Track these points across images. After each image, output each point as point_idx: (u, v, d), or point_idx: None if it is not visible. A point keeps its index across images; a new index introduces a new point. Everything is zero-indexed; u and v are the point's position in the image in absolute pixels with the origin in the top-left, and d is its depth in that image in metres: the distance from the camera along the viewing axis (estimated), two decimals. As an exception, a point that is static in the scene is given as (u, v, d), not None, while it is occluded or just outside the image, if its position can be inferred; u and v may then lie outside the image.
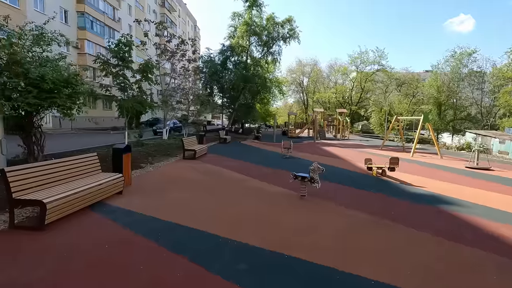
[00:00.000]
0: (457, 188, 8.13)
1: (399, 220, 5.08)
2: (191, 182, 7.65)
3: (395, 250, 3.93)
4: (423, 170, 11.14)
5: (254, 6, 25.49)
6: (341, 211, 5.59)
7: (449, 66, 41.10)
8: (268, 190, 7.02)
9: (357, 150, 17.83)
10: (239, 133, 30.46)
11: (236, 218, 4.90)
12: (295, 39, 26.72)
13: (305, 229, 4.55)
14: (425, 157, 15.30)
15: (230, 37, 26.53)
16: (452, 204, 6.35)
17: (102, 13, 31.59)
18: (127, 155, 6.71)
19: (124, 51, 12.13)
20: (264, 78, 29.95)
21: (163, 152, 12.64)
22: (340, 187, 7.71)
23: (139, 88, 13.23)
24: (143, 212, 4.96)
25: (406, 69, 50.11)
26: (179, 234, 4.13)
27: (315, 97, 54.96)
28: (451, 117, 41.03)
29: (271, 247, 3.82)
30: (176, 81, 18.89)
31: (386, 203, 6.24)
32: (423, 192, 7.49)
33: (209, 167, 10.02)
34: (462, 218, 5.40)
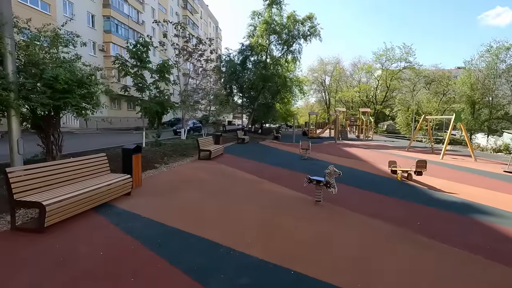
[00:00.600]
0: (493, 195, 7.28)
1: (427, 233, 4.51)
2: (202, 183, 7.44)
3: (423, 272, 3.42)
4: (454, 174, 10.20)
5: (274, 4, 25.08)
6: (360, 220, 5.09)
7: (484, 61, 38.32)
8: (282, 194, 6.64)
9: (380, 152, 16.90)
10: (258, 133, 30.17)
11: (242, 225, 4.58)
12: (316, 36, 25.96)
13: (318, 241, 4.13)
14: (457, 160, 14.13)
15: (249, 36, 26.29)
16: (488, 214, 5.62)
17: (126, 17, 32.58)
18: (136, 155, 6.61)
19: (142, 52, 12.23)
20: (284, 77, 29.42)
21: (179, 152, 12.62)
22: (360, 192, 7.16)
23: (157, 89, 13.30)
24: (148, 216, 4.78)
25: (435, 66, 47.47)
26: (180, 242, 3.87)
27: (337, 96, 53.48)
28: (486, 117, 38.22)
29: (276, 260, 3.45)
30: (195, 81, 18.97)
31: (412, 212, 5.63)
32: (454, 199, 6.75)
33: (223, 168, 9.80)
34: (500, 231, 4.71)
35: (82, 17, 27.29)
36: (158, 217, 4.74)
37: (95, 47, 29.35)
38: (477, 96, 36.77)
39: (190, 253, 3.56)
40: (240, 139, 19.76)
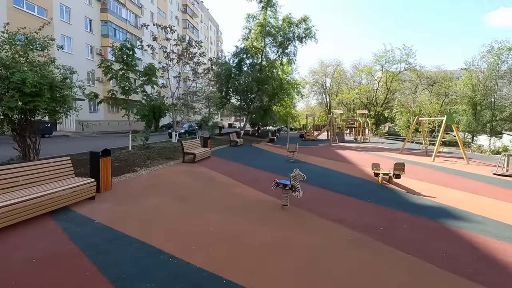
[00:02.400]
0: (475, 199, 7.05)
1: (387, 239, 4.34)
2: (175, 187, 7.34)
3: (368, 282, 3.25)
4: (441, 177, 9.96)
5: (268, 7, 25.06)
6: (323, 225, 4.93)
7: (486, 62, 37.76)
8: (252, 198, 6.50)
9: (374, 154, 16.65)
10: (255, 136, 30.07)
11: (195, 231, 4.45)
12: (311, 38, 25.85)
13: (269, 247, 3.98)
14: (449, 162, 13.83)
15: (244, 39, 26.26)
16: (461, 220, 5.41)
17: (124, 21, 32.87)
18: (105, 159, 6.53)
19: (128, 55, 12.24)
20: (280, 80, 29.33)
21: (165, 155, 12.56)
22: (334, 195, 6.98)
23: (144, 92, 13.29)
24: (101, 221, 4.68)
25: (438, 67, 46.87)
26: (122, 249, 3.76)
27: (338, 98, 53.18)
28: (489, 118, 37.62)
29: (214, 268, 3.32)
30: (187, 84, 19.00)
31: (380, 217, 5.45)
32: (431, 203, 6.53)
33: (204, 171, 9.69)
34: (465, 238, 4.51)
35: (79, 21, 27.61)
36: (111, 222, 4.64)
37: (93, 51, 29.60)
38: (479, 97, 36.22)
39: (127, 261, 3.44)
40: (233, 141, 19.65)
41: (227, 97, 27.63)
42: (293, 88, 33.05)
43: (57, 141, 17.96)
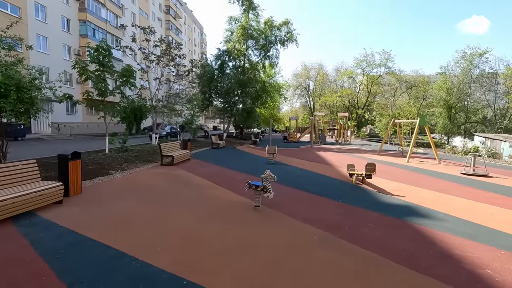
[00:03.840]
0: (440, 197, 7.37)
1: (351, 237, 4.47)
2: (149, 190, 7.25)
3: (326, 279, 3.35)
4: (413, 177, 10.35)
5: (250, 10, 25.22)
6: (291, 225, 5.02)
7: (460, 67, 39.57)
8: (226, 199, 6.52)
9: (352, 155, 17.06)
10: (238, 138, 30.07)
11: (164, 234, 4.42)
12: (293, 42, 26.21)
13: (236, 248, 4.02)
14: (422, 163, 14.38)
15: (226, 41, 26.29)
16: (424, 217, 5.65)
17: (104, 21, 32.14)
18: (74, 162, 6.37)
19: (104, 56, 11.99)
20: (263, 82, 29.53)
21: (144, 158, 12.37)
22: (308, 196, 7.11)
23: (122, 93, 13.04)
24: (66, 226, 4.57)
25: (416, 71, 48.61)
26: (84, 253, 3.68)
27: (321, 101, 54.09)
28: (463, 120, 39.37)
29: (177, 270, 3.32)
30: (168, 86, 18.81)
31: (349, 216, 5.60)
32: (399, 202, 6.79)
33: (181, 174, 9.61)
34: (427, 235, 4.72)
35: (56, 21, 26.77)
36: (76, 226, 4.53)
37: (71, 51, 28.75)
38: (453, 100, 37.85)
39: (87, 265, 3.38)
40: (215, 144, 19.59)
41: (210, 99, 27.52)
42: (276, 90, 33.38)
43: (30, 144, 17.28)
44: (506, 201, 7.13)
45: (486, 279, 3.33)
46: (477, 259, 3.82)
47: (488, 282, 3.28)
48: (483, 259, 3.83)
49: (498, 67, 40.23)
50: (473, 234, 4.78)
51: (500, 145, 21.62)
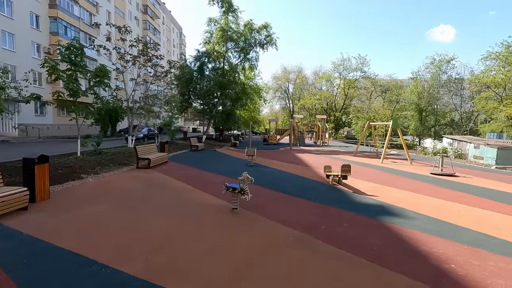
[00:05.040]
0: (411, 196, 7.71)
1: (327, 237, 4.56)
2: (123, 194, 7.01)
3: (299, 278, 3.39)
4: (386, 177, 10.75)
5: (230, 12, 25.22)
6: (268, 226, 5.04)
7: (429, 73, 41.72)
8: (203, 202, 6.43)
9: (330, 157, 17.44)
10: (218, 140, 29.86)
11: (137, 239, 4.29)
12: (272, 45, 26.51)
13: (212, 251, 3.97)
14: (395, 163, 14.98)
15: (206, 42, 26.09)
16: (396, 216, 5.88)
17: (77, 19, 30.80)
18: (41, 166, 6.03)
19: (76, 55, 11.50)
20: (243, 84, 29.57)
21: (119, 161, 11.95)
22: (286, 197, 7.18)
23: (95, 94, 12.54)
24: (30, 233, 4.31)
25: (390, 76, 50.70)
26: (51, 262, 3.49)
27: (300, 104, 54.97)
28: (433, 123, 41.50)
29: (150, 276, 3.22)
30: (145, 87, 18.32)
31: (325, 216, 5.72)
32: (373, 202, 7.02)
33: (158, 177, 9.38)
34: (398, 233, 4.91)
35: (24, 17, 25.32)
36: (42, 234, 4.29)
37: (40, 49, 27.29)
38: (424, 104, 39.78)
39: (52, 275, 3.20)
40: (194, 146, 19.30)
41: (189, 101, 27.15)
42: (256, 93, 33.53)
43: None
44: (471, 199, 7.58)
45: (450, 273, 3.52)
46: (443, 255, 4.02)
47: (452, 276, 3.46)
48: (448, 254, 4.05)
49: (463, 73, 42.93)
50: (440, 231, 5.03)
51: (466, 146, 23.00)
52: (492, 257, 4.02)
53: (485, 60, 32.21)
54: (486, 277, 3.43)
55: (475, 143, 22.08)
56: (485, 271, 3.57)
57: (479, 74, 36.06)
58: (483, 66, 34.21)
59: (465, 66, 52.84)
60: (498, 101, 34.60)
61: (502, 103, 33.49)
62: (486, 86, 36.17)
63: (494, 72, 32.62)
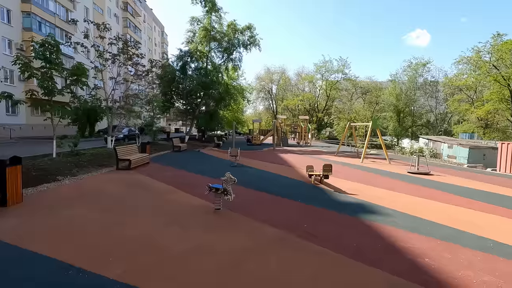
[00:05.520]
0: (389, 195, 7.99)
1: (308, 236, 4.65)
2: (102, 196, 6.81)
3: (283, 277, 3.44)
4: (366, 176, 11.07)
5: (213, 12, 25.09)
6: (251, 226, 5.07)
7: (407, 75, 43.31)
8: (186, 204, 6.37)
9: (313, 157, 17.73)
10: (201, 141, 29.57)
11: (118, 242, 4.19)
12: (255, 46, 26.63)
13: (195, 252, 3.94)
14: (375, 163, 15.46)
15: (188, 42, 25.82)
16: (375, 214, 6.08)
17: (52, 14, 29.54)
18: (13, 168, 5.75)
19: (52, 52, 11.05)
20: (226, 84, 29.47)
21: (97, 162, 11.61)
22: (268, 197, 7.24)
23: (72, 93, 12.11)
24: (2, 239, 4.10)
25: (370, 78, 52.20)
26: (24, 268, 3.35)
27: (283, 104, 55.49)
28: (410, 124, 43.14)
29: (131, 279, 3.17)
30: (125, 86, 17.89)
31: (307, 215, 5.82)
32: (353, 200, 7.21)
33: (139, 178, 9.18)
34: (376, 230, 5.08)
35: None
36: (13, 239, 4.10)
37: (12, 45, 25.95)
38: (402, 105, 41.26)
39: (26, 281, 3.08)
40: (176, 147, 19.04)
41: (171, 100, 26.73)
42: (240, 93, 33.51)
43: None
44: (445, 197, 7.96)
45: (424, 267, 3.69)
46: (417, 249, 4.21)
47: (425, 269, 3.63)
48: (422, 249, 4.24)
49: (438, 76, 45.03)
50: (415, 227, 5.26)
51: (440, 146, 24.09)
52: (463, 250, 4.25)
53: (457, 64, 33.87)
54: (456, 269, 3.62)
55: (449, 143, 23.18)
56: (456, 264, 3.78)
57: (452, 77, 37.94)
58: (456, 70, 36.01)
59: (439, 70, 55.24)
60: (470, 103, 36.54)
61: (473, 105, 35.39)
62: (459, 89, 38.11)
63: (466, 76, 34.39)
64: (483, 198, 7.98)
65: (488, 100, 31.45)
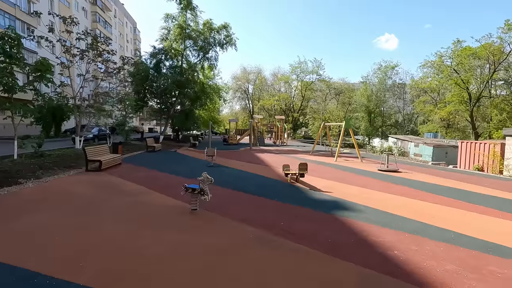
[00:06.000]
0: (362, 192, 8.31)
1: (286, 234, 4.73)
2: (71, 199, 6.46)
3: (262, 276, 3.47)
4: (340, 175, 11.44)
5: (188, 9, 24.63)
6: (228, 226, 5.06)
7: (377, 77, 45.29)
8: (161, 205, 6.22)
9: (289, 156, 18.00)
10: (176, 141, 28.95)
11: (88, 247, 4.00)
12: (232, 45, 26.52)
13: (171, 254, 3.87)
14: (348, 161, 16.02)
15: (162, 39, 25.15)
16: (347, 210, 6.31)
17: (12, 5, 27.49)
18: (-31, 170, 5.30)
19: (12, 46, 10.30)
20: (202, 83, 29.09)
21: (65, 164, 10.99)
22: (245, 196, 7.26)
23: (35, 90, 11.35)
24: (-45, 247, 3.77)
25: (343, 79, 53.91)
26: (-19, 277, 3.10)
27: (260, 104, 55.81)
28: (380, 124, 45.20)
29: (103, 284, 3.04)
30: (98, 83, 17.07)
31: (284, 213, 5.90)
32: (328, 198, 7.43)
33: (111, 180, 8.82)
34: (349, 225, 5.28)
35: None
36: (-30, 247, 3.78)
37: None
38: (372, 106, 43.09)
39: (-15, 291, 2.85)
40: (150, 147, 18.49)
41: (144, 99, 25.90)
42: (216, 92, 33.22)
43: None
44: (412, 192, 8.44)
45: (393, 259, 3.90)
46: (387, 243, 4.44)
47: (395, 261, 3.84)
48: (392, 242, 4.47)
49: (405, 79, 47.57)
50: (386, 222, 5.53)
51: (407, 145, 25.46)
52: (428, 242, 4.54)
53: (423, 67, 35.96)
54: (422, 260, 3.87)
55: (415, 142, 24.58)
56: (422, 255, 4.03)
57: (418, 80, 40.23)
58: (421, 73, 38.21)
59: (406, 73, 58.56)
60: (434, 105, 38.95)
61: (436, 106, 37.76)
62: (424, 91, 40.51)
63: (430, 79, 36.62)
64: (446, 193, 8.55)
65: (450, 102, 33.71)
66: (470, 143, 17.23)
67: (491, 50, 28.35)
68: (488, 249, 4.36)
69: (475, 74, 31.80)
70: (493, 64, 29.44)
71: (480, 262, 3.89)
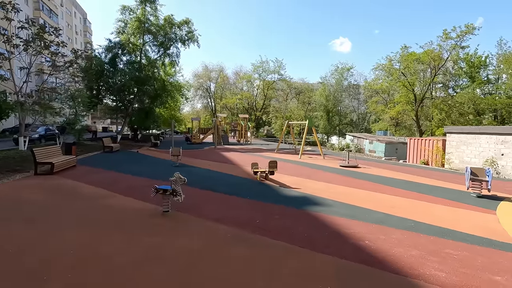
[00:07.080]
0: (328, 187, 8.71)
1: (262, 230, 4.76)
2: (20, 207, 5.77)
3: (242, 274, 3.44)
4: (305, 171, 11.84)
5: (147, 2, 23.43)
6: (202, 226, 4.94)
7: (334, 78, 47.61)
8: (127, 208, 5.85)
9: (254, 155, 18.13)
10: (136, 140, 27.45)
11: (49, 258, 3.61)
12: (194, 42, 25.83)
13: (144, 259, 3.65)
14: (311, 158, 16.66)
15: (119, 32, 23.59)
16: (318, 205, 6.57)
17: None
18: None
19: None
20: (163, 80, 27.95)
21: (8, 167, 9.83)
22: (217, 196, 7.16)
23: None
24: None
25: (302, 79, 55.76)
26: None
27: (222, 103, 55.37)
28: (337, 123, 47.68)
29: (73, 296, 2.77)
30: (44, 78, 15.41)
31: (258, 211, 5.94)
32: (298, 194, 7.65)
33: (66, 184, 8.06)
34: (321, 219, 5.50)
35: None
36: None
37: None
38: (330, 106, 45.25)
39: None
40: (108, 147, 17.26)
41: (99, 96, 24.10)
42: (177, 90, 32.17)
43: None
44: (372, 186, 9.06)
45: (365, 248, 4.15)
46: (358, 234, 4.71)
47: (366, 250, 4.09)
48: (362, 233, 4.76)
49: (359, 80, 50.80)
50: (353, 214, 5.86)
51: (363, 142, 27.22)
52: (393, 231, 4.92)
53: (375, 70, 38.65)
54: (390, 248, 4.18)
55: (370, 139, 26.41)
56: (390, 243, 4.35)
57: (370, 81, 43.20)
58: (374, 75, 41.07)
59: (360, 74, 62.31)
60: (384, 105, 42.16)
61: (387, 106, 40.93)
62: (376, 92, 43.60)
63: (381, 81, 39.54)
64: (401, 185, 9.34)
65: (398, 102, 36.78)
66: (417, 140, 19.00)
67: (432, 56, 31.53)
68: (443, 234, 4.86)
69: (419, 77, 35.09)
70: (433, 68, 32.77)
71: (438, 246, 4.33)
